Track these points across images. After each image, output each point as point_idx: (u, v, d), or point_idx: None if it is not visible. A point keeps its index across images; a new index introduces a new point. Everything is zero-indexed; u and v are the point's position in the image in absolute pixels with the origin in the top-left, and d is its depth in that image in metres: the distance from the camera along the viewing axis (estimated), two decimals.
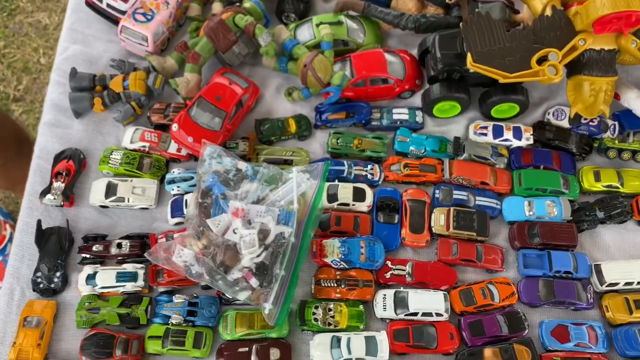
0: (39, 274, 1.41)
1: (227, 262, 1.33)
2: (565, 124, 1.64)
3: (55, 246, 1.44)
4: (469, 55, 1.47)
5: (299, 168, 1.44)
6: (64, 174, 1.51)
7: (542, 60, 1.49)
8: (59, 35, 3.60)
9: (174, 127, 1.52)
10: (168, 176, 1.54)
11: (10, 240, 2.57)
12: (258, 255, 1.32)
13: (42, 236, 1.45)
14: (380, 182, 1.57)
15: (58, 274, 1.41)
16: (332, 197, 1.51)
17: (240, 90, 1.56)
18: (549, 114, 1.66)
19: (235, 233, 1.34)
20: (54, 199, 1.48)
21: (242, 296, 1.33)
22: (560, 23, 1.51)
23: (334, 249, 1.43)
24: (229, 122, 1.54)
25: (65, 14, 1.77)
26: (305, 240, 1.37)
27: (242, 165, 1.44)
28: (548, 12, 1.56)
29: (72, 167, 1.53)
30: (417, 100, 1.69)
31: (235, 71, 1.64)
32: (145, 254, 1.35)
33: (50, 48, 3.42)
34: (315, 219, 1.40)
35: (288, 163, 1.57)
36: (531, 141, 1.61)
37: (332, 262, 1.43)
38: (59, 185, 1.49)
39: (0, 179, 2.30)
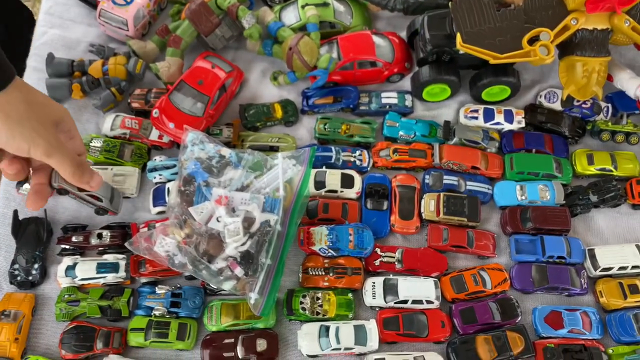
0: (16, 266, 1.36)
1: (210, 251, 1.28)
2: (557, 106, 1.60)
3: (33, 237, 1.39)
4: (458, 35, 1.43)
5: (284, 154, 1.39)
6: None
7: (533, 41, 1.45)
8: None
9: (155, 112, 1.47)
10: (149, 164, 1.49)
11: None
12: (243, 244, 1.28)
13: (19, 227, 1.40)
14: (369, 168, 1.52)
15: (36, 265, 1.36)
16: (319, 184, 1.47)
17: (223, 74, 1.51)
18: (540, 96, 1.62)
19: (218, 221, 1.30)
20: None
21: (227, 286, 1.28)
22: (552, 2, 1.47)
23: (321, 236, 1.39)
24: (212, 107, 1.49)
25: None
26: (292, 228, 1.33)
27: (226, 151, 1.40)
28: None
29: None
30: (406, 84, 1.65)
31: (218, 55, 1.59)
32: (126, 244, 1.31)
33: None
34: (302, 206, 1.36)
35: (274, 150, 1.53)
36: (523, 124, 1.57)
37: (320, 250, 1.39)
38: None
39: None
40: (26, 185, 1.43)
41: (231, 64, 1.58)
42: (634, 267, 1.39)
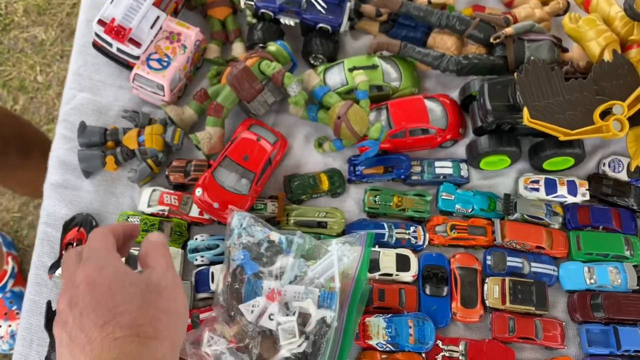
0: None
1: (264, 354, 1.18)
2: (623, 176, 1.49)
3: None
4: (525, 110, 1.33)
5: (339, 240, 1.29)
6: (74, 244, 1.36)
7: (605, 114, 1.35)
8: (56, 51, 3.44)
9: (198, 192, 1.37)
10: (190, 244, 1.39)
11: (13, 275, 2.42)
12: (299, 346, 1.18)
13: (53, 319, 1.29)
14: (424, 247, 1.42)
15: None
16: (373, 266, 1.36)
17: (269, 147, 1.41)
18: (604, 164, 1.52)
19: (271, 319, 1.19)
20: None
21: None
22: (623, 70, 1.37)
23: (379, 329, 1.29)
24: (257, 184, 1.39)
25: (71, 56, 1.60)
26: (350, 325, 1.23)
27: (275, 236, 1.29)
28: (607, 56, 1.41)
29: (83, 236, 1.37)
30: (459, 150, 1.55)
31: (262, 122, 1.49)
32: None
33: (48, 65, 3.26)
34: (362, 297, 1.25)
35: (322, 225, 1.42)
36: (587, 197, 1.47)
37: (377, 344, 1.29)
38: None
39: (9, 182, 2.22)
40: (59, 271, 1.33)
41: (275, 133, 1.48)
42: None
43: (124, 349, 0.72)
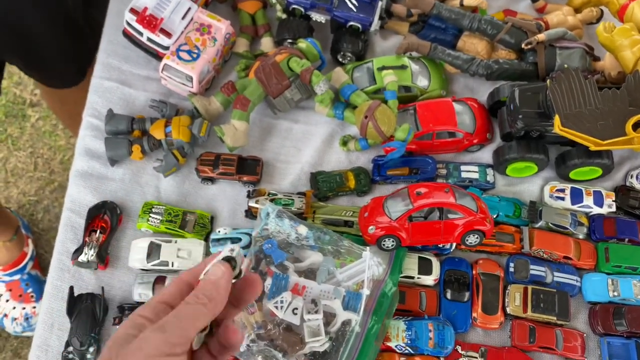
0: (70, 348, 1.27)
1: (286, 347, 1.18)
2: None
3: (89, 317, 1.29)
4: (556, 118, 1.31)
5: (372, 248, 1.29)
6: (98, 231, 1.37)
7: (637, 125, 1.33)
8: None
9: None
10: (213, 236, 1.39)
11: (32, 257, 2.43)
12: (321, 345, 1.18)
13: (74, 305, 1.30)
14: (451, 251, 1.41)
15: (91, 349, 1.27)
16: None
17: (462, 221, 1.33)
18: (631, 177, 1.50)
19: (294, 314, 1.19)
20: (88, 261, 1.33)
21: None
22: None
23: (398, 331, 1.28)
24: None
25: (100, 46, 1.60)
26: (370, 335, 1.22)
27: (303, 229, 1.29)
28: None
29: (107, 224, 1.38)
30: (485, 154, 1.53)
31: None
32: None
33: None
34: (392, 306, 1.26)
35: (349, 225, 1.42)
36: (613, 209, 1.45)
37: (396, 346, 1.28)
38: (93, 245, 1.34)
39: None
40: (82, 257, 1.34)
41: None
42: None
43: None
